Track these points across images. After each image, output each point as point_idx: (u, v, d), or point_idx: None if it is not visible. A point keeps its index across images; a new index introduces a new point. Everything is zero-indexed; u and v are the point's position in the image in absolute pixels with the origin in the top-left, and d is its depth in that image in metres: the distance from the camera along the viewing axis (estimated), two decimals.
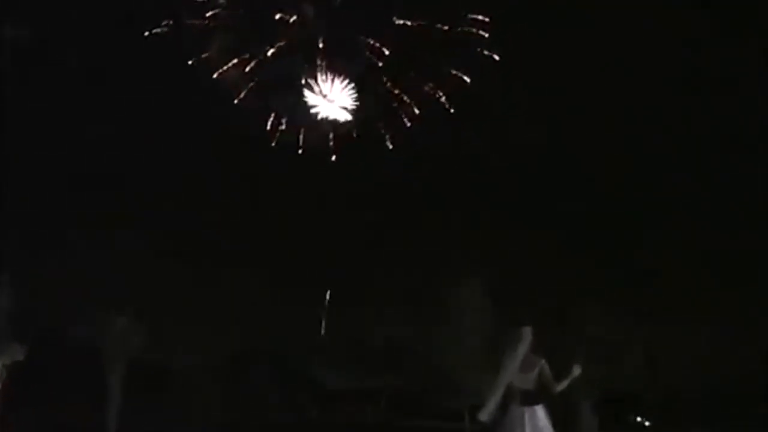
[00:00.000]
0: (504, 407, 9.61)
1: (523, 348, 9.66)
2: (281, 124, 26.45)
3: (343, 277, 24.92)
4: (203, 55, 25.89)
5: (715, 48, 23.62)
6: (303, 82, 26.48)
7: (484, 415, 9.52)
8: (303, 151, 26.32)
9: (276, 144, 26.28)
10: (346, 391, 25.72)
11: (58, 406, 19.63)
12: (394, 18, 26.18)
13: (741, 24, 23.54)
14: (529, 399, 9.64)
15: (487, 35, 25.83)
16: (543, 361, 9.69)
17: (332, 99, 26.64)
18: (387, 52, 26.54)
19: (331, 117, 26.72)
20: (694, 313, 22.16)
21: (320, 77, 26.79)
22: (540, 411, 9.66)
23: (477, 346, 21.32)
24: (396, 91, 26.73)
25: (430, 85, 26.41)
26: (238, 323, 23.52)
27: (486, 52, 25.86)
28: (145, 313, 21.42)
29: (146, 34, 25.35)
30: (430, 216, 25.87)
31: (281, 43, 26.77)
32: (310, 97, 26.62)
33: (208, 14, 25.94)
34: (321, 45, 26.61)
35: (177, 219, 24.74)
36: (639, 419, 26.90)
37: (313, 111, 26.47)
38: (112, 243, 22.10)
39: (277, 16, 26.44)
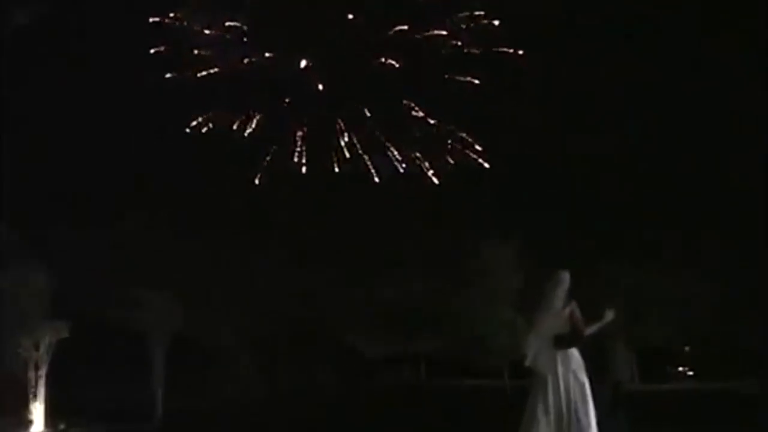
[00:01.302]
0: (540, 352, 9.62)
1: (560, 291, 9.67)
2: None
3: (373, 245, 25.10)
4: None
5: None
6: None
7: (528, 360, 9.53)
8: None
9: None
10: (384, 358, 25.94)
11: (102, 383, 20.09)
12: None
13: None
14: (562, 342, 9.65)
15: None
16: (574, 303, 9.70)
17: None
18: None
19: None
20: (728, 266, 22.06)
21: None
22: (574, 355, 9.65)
23: (511, 304, 21.43)
24: None
25: None
26: (274, 298, 23.85)
27: None
28: (185, 291, 21.83)
29: None
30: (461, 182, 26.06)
31: None
32: None
33: None
34: None
35: (213, 199, 25.14)
36: (681, 369, 26.85)
37: None
38: (148, 223, 22.53)
39: None
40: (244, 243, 24.47)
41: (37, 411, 16.80)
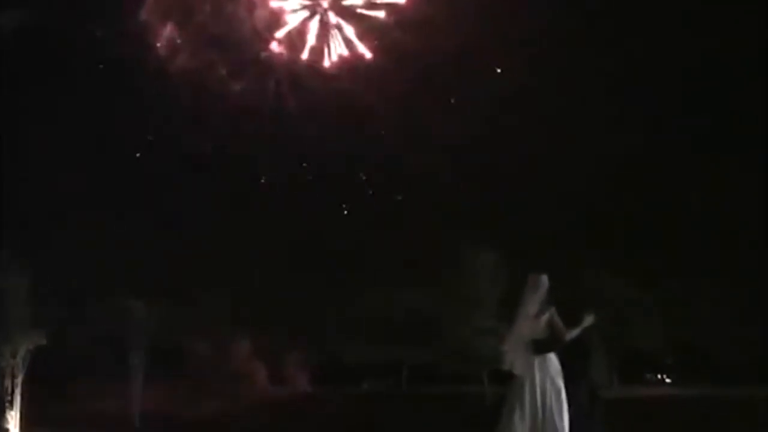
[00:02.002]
0: (518, 356, 9.62)
1: (538, 295, 9.66)
2: None
3: (356, 254, 25.08)
4: None
5: None
6: None
7: (505, 363, 9.52)
8: None
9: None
10: (366, 364, 25.89)
11: (80, 387, 19.91)
12: None
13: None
14: (541, 347, 9.65)
15: None
16: (552, 308, 9.69)
17: None
18: None
19: None
20: (706, 273, 22.22)
21: None
22: (551, 360, 9.66)
23: (492, 312, 21.46)
24: None
25: None
26: (255, 302, 23.75)
27: None
28: (161, 298, 21.69)
29: None
30: (442, 189, 26.04)
31: None
32: None
33: None
34: None
35: (193, 206, 24.97)
36: (659, 376, 26.95)
37: None
38: (127, 230, 22.39)
39: None
40: (226, 249, 24.38)
41: (13, 419, 16.64)
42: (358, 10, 30.40)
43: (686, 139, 24.93)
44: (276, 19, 29.71)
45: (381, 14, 30.19)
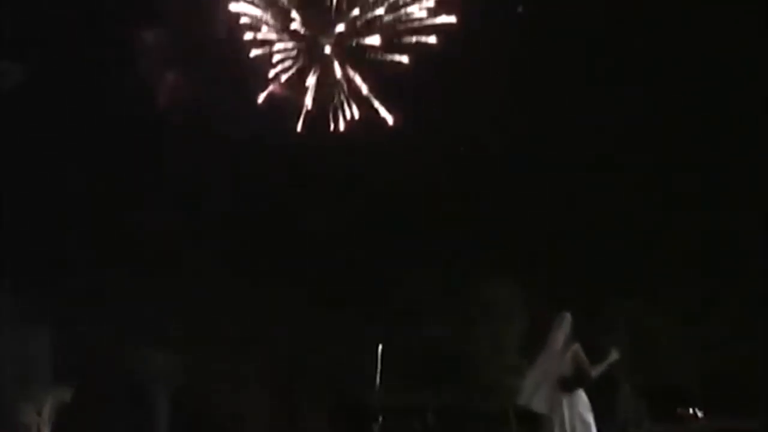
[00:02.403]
0: (545, 394, 9.56)
1: (562, 332, 9.64)
2: None
3: (378, 293, 24.97)
4: None
5: None
6: None
7: (531, 402, 9.50)
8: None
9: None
10: (391, 407, 25.66)
11: None
12: None
13: None
14: (568, 384, 9.57)
15: None
16: (577, 345, 9.64)
17: None
18: None
19: None
20: (740, 302, 21.96)
21: None
22: (580, 397, 9.58)
23: (516, 348, 21.29)
24: None
25: None
26: (278, 349, 23.67)
27: None
28: (185, 348, 21.69)
29: None
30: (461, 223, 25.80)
31: None
32: None
33: None
34: None
35: (209, 250, 25.02)
36: (691, 411, 26.48)
37: None
38: (150, 281, 22.47)
39: None
40: (244, 290, 24.33)
41: None
42: (372, 55, 24.43)
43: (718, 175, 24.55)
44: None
45: (404, 59, 24.35)
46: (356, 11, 24.63)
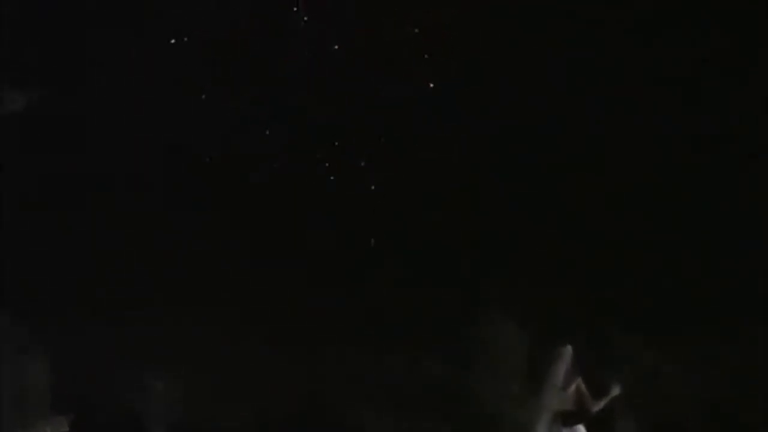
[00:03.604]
0: (546, 429, 9.57)
1: (563, 366, 9.68)
2: None
3: (372, 321, 24.92)
4: None
5: None
6: None
7: None
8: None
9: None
10: None
11: None
12: None
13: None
14: (568, 419, 9.58)
15: None
16: (579, 379, 9.66)
17: None
18: None
19: None
20: (745, 338, 21.88)
21: None
22: (580, 431, 9.59)
23: (516, 379, 21.18)
24: None
25: None
26: (273, 378, 23.57)
27: None
28: (183, 377, 21.56)
29: None
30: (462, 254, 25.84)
31: None
32: None
33: None
34: None
35: (204, 277, 25.03)
36: None
37: None
38: (146, 309, 22.42)
39: None
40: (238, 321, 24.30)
41: None
42: None
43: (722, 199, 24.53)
44: None
45: None
46: None
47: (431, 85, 25.70)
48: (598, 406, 9.72)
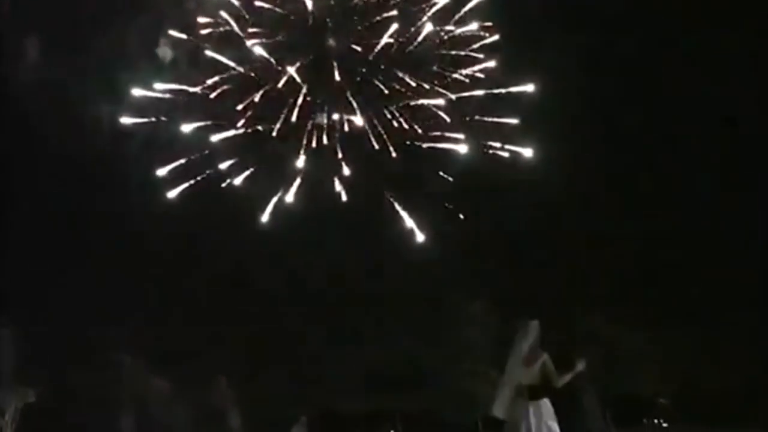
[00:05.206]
0: (511, 402, 9.63)
1: (528, 342, 9.72)
2: None
3: (349, 303, 24.96)
4: None
5: None
6: None
7: (497, 410, 9.57)
8: None
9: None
10: (360, 414, 25.64)
11: None
12: None
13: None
14: (534, 393, 9.66)
15: None
16: (546, 355, 9.73)
17: None
18: None
19: None
20: (704, 315, 22.19)
21: None
22: (545, 405, 9.66)
23: (485, 357, 21.38)
24: None
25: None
26: (247, 349, 23.61)
27: None
28: (149, 354, 21.48)
29: None
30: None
31: None
32: None
33: None
34: None
35: (181, 265, 24.80)
36: (656, 421, 26.74)
37: None
38: (113, 286, 22.23)
39: None
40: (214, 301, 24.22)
41: None
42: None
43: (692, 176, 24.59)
44: None
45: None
46: None
47: None
48: (563, 381, 9.78)
